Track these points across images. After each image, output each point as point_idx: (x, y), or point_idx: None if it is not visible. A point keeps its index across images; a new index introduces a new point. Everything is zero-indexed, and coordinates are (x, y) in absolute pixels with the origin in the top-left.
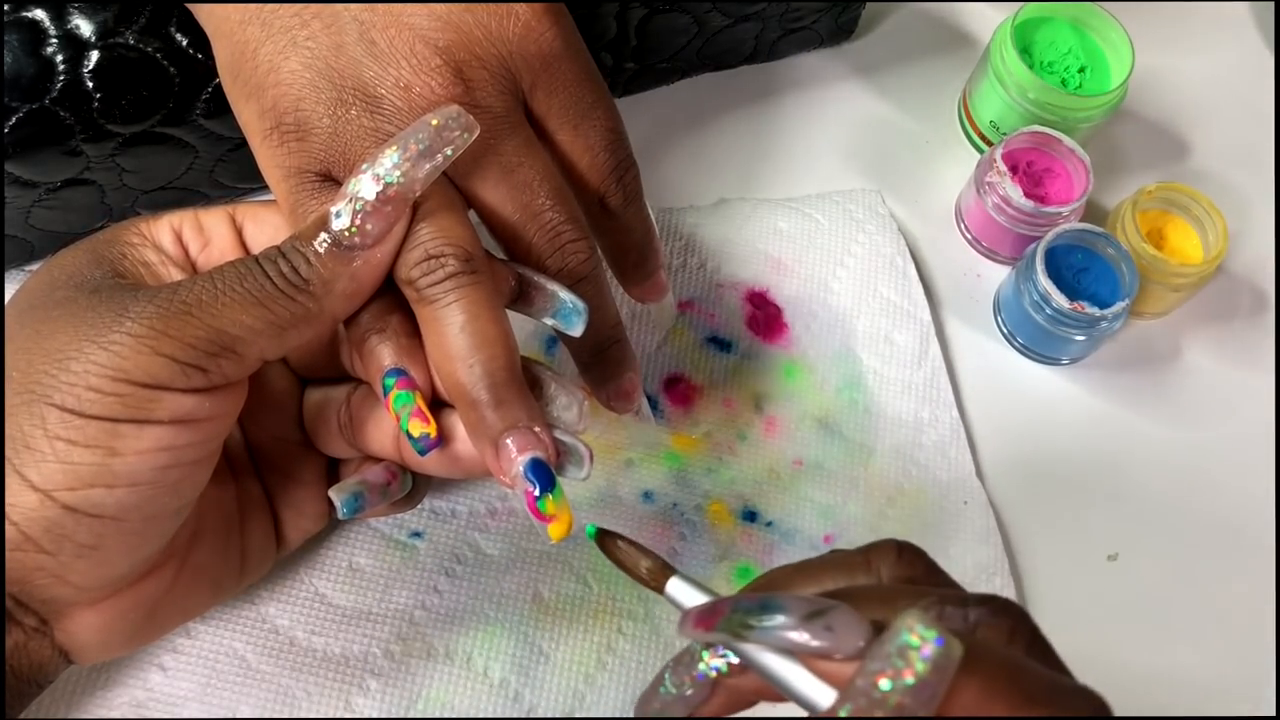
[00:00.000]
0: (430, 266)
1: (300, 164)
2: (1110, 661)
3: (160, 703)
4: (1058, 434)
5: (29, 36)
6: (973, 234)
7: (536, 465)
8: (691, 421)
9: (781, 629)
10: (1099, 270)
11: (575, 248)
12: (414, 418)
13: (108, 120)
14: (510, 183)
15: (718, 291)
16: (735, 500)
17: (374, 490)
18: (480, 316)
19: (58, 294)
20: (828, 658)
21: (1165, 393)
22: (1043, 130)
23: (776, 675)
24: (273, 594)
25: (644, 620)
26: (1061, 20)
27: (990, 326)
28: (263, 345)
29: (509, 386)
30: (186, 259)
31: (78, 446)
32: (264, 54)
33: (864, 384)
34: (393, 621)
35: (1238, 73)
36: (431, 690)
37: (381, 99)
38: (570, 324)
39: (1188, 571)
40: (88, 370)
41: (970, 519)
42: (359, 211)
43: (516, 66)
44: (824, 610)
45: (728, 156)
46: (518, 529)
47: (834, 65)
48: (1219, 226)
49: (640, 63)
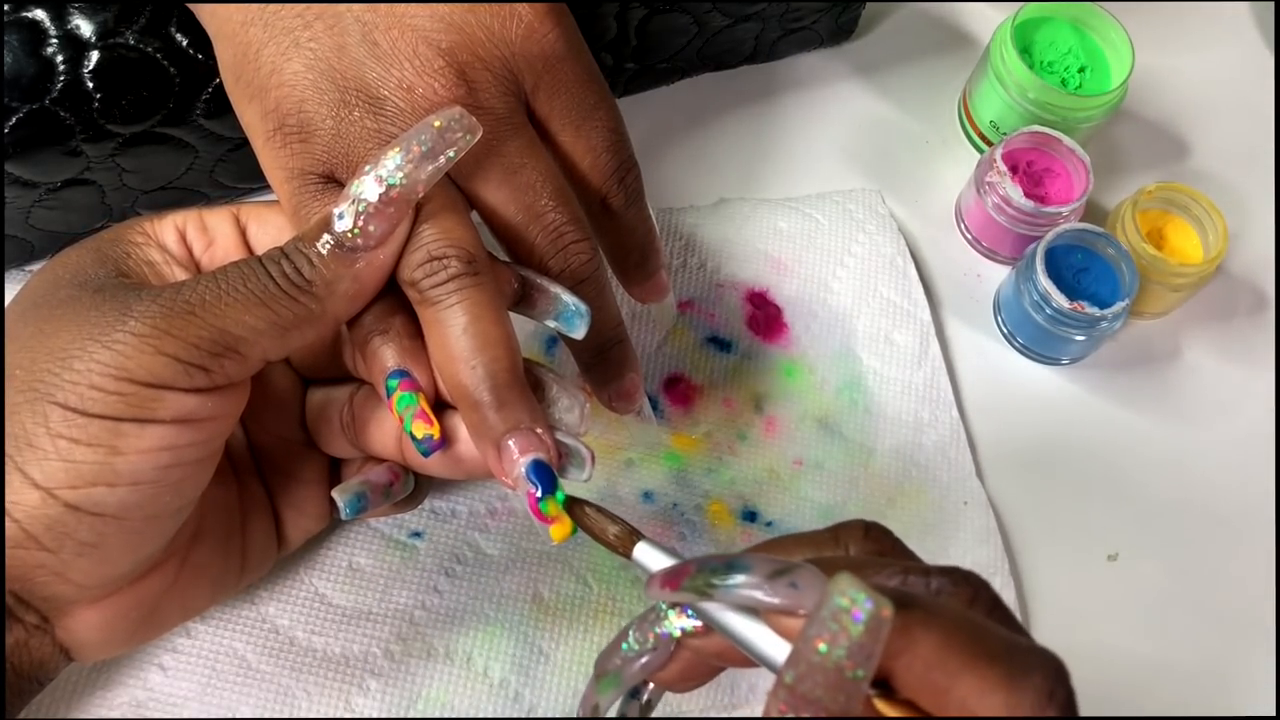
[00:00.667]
0: (433, 268)
1: (303, 165)
2: (1110, 660)
3: (160, 703)
4: (1058, 434)
5: (29, 36)
6: (973, 234)
7: (538, 467)
8: (691, 421)
9: (746, 587)
10: (1099, 270)
11: (578, 249)
12: (417, 419)
13: (108, 120)
14: (513, 184)
15: (718, 291)
16: (735, 500)
17: (376, 491)
18: (483, 318)
19: (61, 292)
20: (791, 614)
21: (1165, 393)
22: (1043, 130)
23: (739, 634)
24: (273, 594)
25: None
26: (1061, 20)
27: (990, 326)
28: (265, 346)
29: (511, 388)
30: (190, 259)
31: (80, 445)
32: (266, 55)
33: (864, 384)
34: (393, 621)
35: (1238, 73)
36: (431, 690)
37: (384, 100)
38: (572, 326)
39: (1188, 571)
40: (90, 369)
41: (970, 519)
42: (362, 213)
43: (519, 68)
44: (788, 569)
45: (728, 156)
46: (518, 529)
47: (834, 65)
48: (1219, 226)
49: (640, 63)
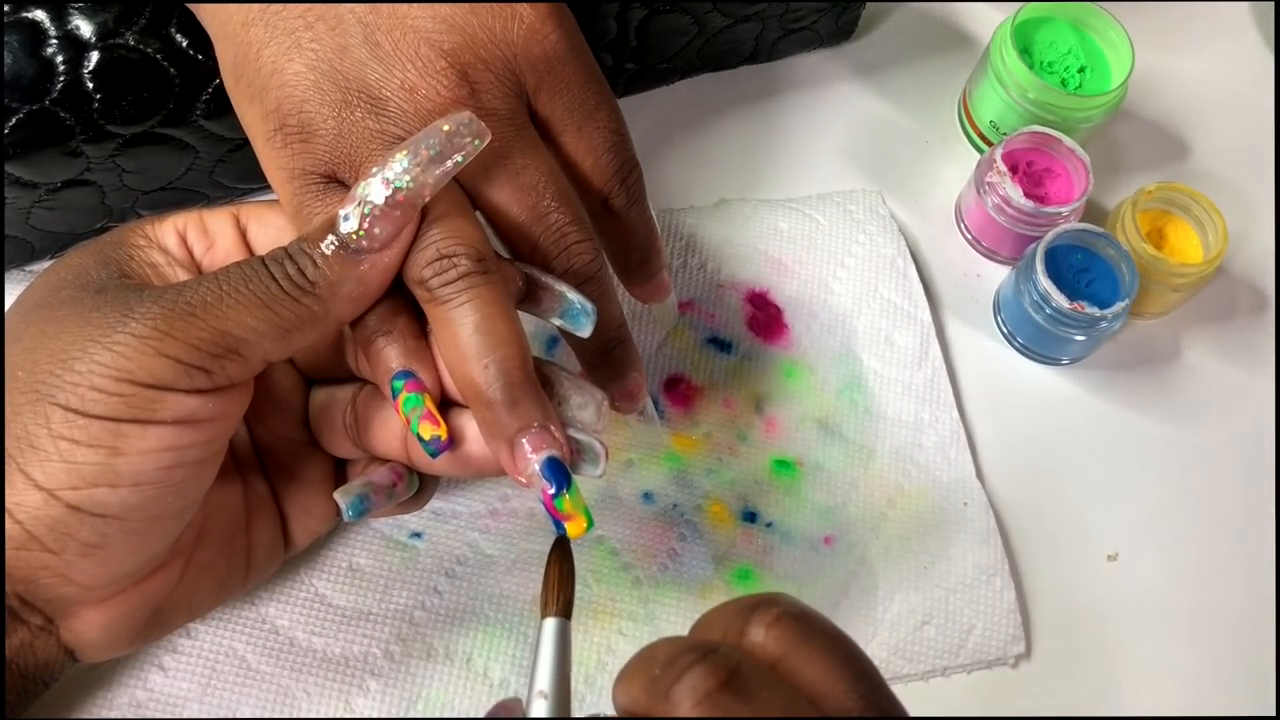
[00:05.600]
0: (442, 266)
1: (304, 166)
2: (1110, 660)
3: (160, 703)
4: (1058, 434)
5: (29, 37)
6: (973, 234)
7: (553, 464)
8: (692, 422)
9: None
10: (1099, 270)
11: (581, 249)
12: (424, 420)
13: (108, 121)
14: (516, 185)
15: (718, 292)
16: (735, 501)
17: (380, 492)
18: (494, 316)
19: (64, 294)
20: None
21: (1165, 393)
22: (1043, 130)
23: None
24: (273, 594)
25: (644, 621)
26: (1061, 20)
27: (990, 326)
28: (267, 347)
29: (523, 386)
30: (191, 260)
31: (81, 446)
32: (268, 55)
33: (864, 385)
34: (393, 622)
35: (1238, 73)
36: (431, 690)
37: (386, 101)
38: (578, 324)
39: (1188, 571)
40: (92, 370)
41: (970, 520)
42: (367, 215)
43: (521, 69)
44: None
45: (728, 157)
46: (518, 529)
47: (834, 65)
48: (1219, 226)
49: (640, 63)
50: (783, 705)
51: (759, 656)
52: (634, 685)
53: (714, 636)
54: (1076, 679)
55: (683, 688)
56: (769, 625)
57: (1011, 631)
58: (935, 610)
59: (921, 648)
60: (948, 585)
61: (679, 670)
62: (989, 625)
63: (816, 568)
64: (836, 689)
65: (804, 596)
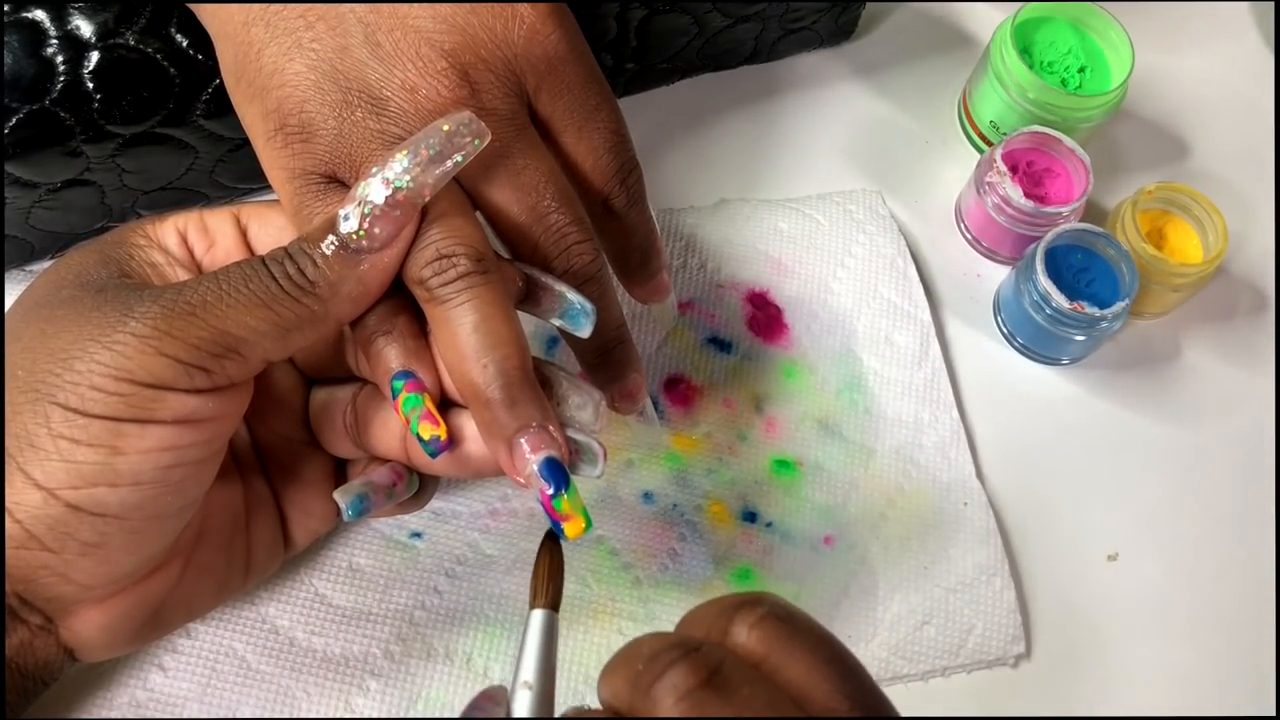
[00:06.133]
0: (442, 266)
1: (305, 166)
2: (1110, 661)
3: (160, 703)
4: (1058, 434)
5: (29, 37)
6: (973, 234)
7: (551, 464)
8: (692, 422)
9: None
10: (1099, 270)
11: (581, 249)
12: (424, 420)
13: (108, 121)
14: (516, 185)
15: (718, 292)
16: (735, 501)
17: (379, 492)
18: (493, 316)
19: (64, 293)
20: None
21: (1165, 393)
22: (1043, 130)
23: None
24: (273, 594)
25: (644, 621)
26: (1061, 20)
27: (990, 326)
28: (267, 347)
29: (522, 386)
30: (192, 260)
31: (81, 445)
32: (268, 55)
33: (864, 385)
34: (393, 622)
35: (1238, 73)
36: (431, 690)
37: (387, 101)
38: (578, 325)
39: (1188, 571)
40: (91, 369)
41: (970, 520)
42: (367, 215)
43: (521, 69)
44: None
45: (728, 157)
46: (518, 529)
47: (834, 65)
48: (1219, 226)
49: (640, 63)
50: (764, 704)
51: (742, 655)
52: (617, 680)
53: (698, 634)
54: (1076, 679)
55: (664, 685)
56: (753, 625)
57: (1011, 631)
58: (935, 610)
59: (921, 648)
60: (948, 585)
61: (661, 667)
62: (989, 625)
63: (816, 568)
64: (821, 688)
65: (804, 596)
